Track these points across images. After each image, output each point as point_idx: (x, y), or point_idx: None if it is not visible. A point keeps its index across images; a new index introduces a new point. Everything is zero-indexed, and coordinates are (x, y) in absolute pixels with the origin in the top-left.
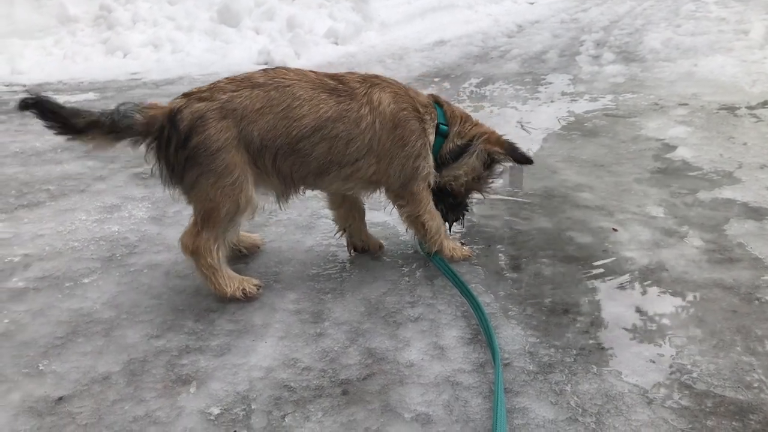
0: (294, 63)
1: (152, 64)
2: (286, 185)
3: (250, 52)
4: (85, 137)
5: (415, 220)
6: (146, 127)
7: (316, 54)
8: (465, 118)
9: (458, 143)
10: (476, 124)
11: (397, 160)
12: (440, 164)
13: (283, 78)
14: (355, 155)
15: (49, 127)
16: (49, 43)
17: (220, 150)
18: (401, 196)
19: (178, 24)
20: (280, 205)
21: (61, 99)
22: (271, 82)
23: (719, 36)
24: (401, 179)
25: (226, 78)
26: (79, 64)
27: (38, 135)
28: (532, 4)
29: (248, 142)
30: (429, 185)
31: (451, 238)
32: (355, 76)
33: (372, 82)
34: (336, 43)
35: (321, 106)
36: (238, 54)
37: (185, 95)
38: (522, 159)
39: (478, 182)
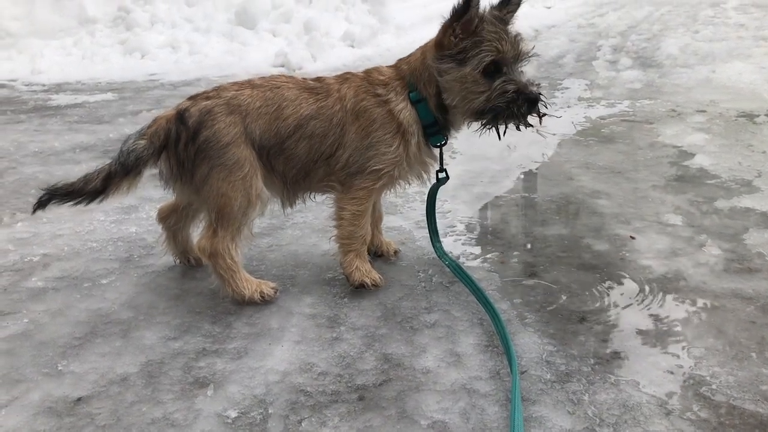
0: (310, 65)
1: (170, 65)
2: (285, 186)
3: (267, 54)
4: (111, 193)
5: (337, 210)
6: (152, 145)
7: (332, 56)
8: (420, 71)
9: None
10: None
11: (357, 152)
12: (449, 118)
13: (276, 81)
14: (329, 152)
15: (77, 204)
16: (68, 44)
17: (230, 144)
18: (342, 183)
19: (196, 25)
20: (283, 209)
21: (80, 99)
22: (267, 84)
23: (738, 42)
24: (350, 168)
25: (229, 82)
26: (98, 65)
27: (57, 135)
28: (549, 8)
29: (252, 138)
30: (381, 185)
31: (364, 261)
32: (333, 76)
33: (344, 77)
34: (352, 46)
35: (302, 104)
36: (256, 56)
37: (191, 97)
38: (461, 8)
39: (483, 84)
